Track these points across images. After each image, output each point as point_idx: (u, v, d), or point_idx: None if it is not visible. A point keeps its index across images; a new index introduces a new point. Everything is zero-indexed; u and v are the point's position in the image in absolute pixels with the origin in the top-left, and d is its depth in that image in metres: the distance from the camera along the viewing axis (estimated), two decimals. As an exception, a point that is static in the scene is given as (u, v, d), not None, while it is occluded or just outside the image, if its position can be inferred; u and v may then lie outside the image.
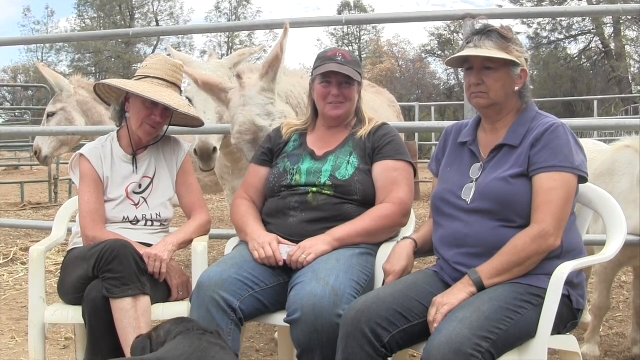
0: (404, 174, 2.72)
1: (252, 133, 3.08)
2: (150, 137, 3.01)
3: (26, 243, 6.62)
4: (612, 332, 4.02)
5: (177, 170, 3.11)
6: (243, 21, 36.95)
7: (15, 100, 36.98)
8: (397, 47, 40.17)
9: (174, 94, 2.96)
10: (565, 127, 2.31)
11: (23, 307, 4.55)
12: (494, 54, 2.30)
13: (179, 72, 3.05)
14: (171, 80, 2.98)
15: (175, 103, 2.89)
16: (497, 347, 2.00)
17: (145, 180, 3.02)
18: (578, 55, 29.74)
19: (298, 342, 2.29)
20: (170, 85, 2.97)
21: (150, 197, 3.01)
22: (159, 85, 2.93)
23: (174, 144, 3.15)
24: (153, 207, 2.99)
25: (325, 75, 2.76)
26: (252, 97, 3.10)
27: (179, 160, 3.12)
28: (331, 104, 2.77)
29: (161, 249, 2.78)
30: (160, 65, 3.01)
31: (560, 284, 2.10)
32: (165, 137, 3.15)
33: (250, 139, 3.09)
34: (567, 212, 2.23)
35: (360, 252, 2.56)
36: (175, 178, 3.10)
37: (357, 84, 2.82)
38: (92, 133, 4.94)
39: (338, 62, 2.75)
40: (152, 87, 2.91)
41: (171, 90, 2.96)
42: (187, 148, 3.19)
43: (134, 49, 40.01)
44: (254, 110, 3.09)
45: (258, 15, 42.79)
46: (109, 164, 2.98)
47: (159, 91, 2.89)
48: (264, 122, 3.07)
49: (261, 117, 3.08)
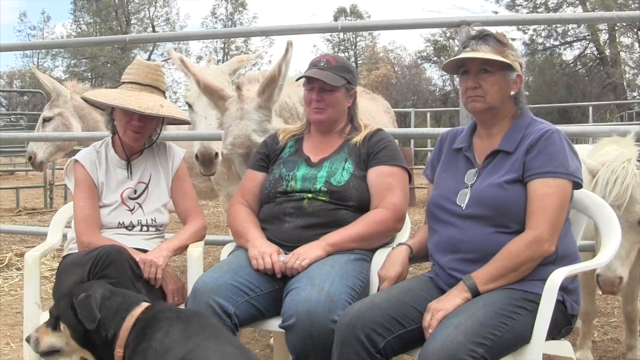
0: (398, 180, 2.73)
1: (246, 147, 3.08)
2: (137, 142, 2.98)
3: (21, 248, 6.60)
4: (607, 337, 4.03)
5: (172, 175, 3.10)
6: (239, 27, 37.01)
7: (11, 105, 36.83)
8: (393, 53, 40.24)
9: (149, 96, 2.91)
10: (560, 133, 2.32)
11: (18, 312, 4.54)
12: (491, 56, 2.32)
13: (156, 72, 3.01)
14: (145, 82, 2.94)
15: (143, 105, 2.82)
16: (491, 353, 2.00)
17: (141, 185, 3.02)
18: (573, 62, 29.79)
19: (293, 347, 2.29)
20: (145, 88, 2.93)
21: (145, 202, 3.00)
22: (132, 90, 2.91)
23: (169, 150, 3.14)
24: (148, 213, 2.99)
25: (309, 81, 2.79)
26: (250, 111, 3.09)
27: (174, 166, 3.11)
28: (314, 109, 2.79)
29: (156, 254, 2.77)
30: (134, 69, 2.99)
31: (554, 289, 2.11)
32: (161, 143, 3.14)
33: (243, 153, 3.10)
34: (561, 218, 2.24)
35: (355, 257, 2.56)
36: (171, 184, 3.09)
37: (345, 90, 2.82)
38: (88, 139, 4.93)
39: (319, 68, 2.77)
40: (123, 92, 2.89)
41: (146, 93, 2.92)
42: (182, 154, 3.17)
43: (130, 55, 39.96)
44: (250, 125, 3.08)
45: (254, 21, 42.92)
46: (104, 169, 2.97)
47: (128, 96, 2.87)
48: (260, 138, 3.07)
49: (257, 132, 3.08)
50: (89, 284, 2.38)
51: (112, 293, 2.28)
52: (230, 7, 43.69)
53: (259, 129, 3.09)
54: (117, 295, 2.28)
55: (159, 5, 42.91)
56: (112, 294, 2.27)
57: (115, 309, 2.22)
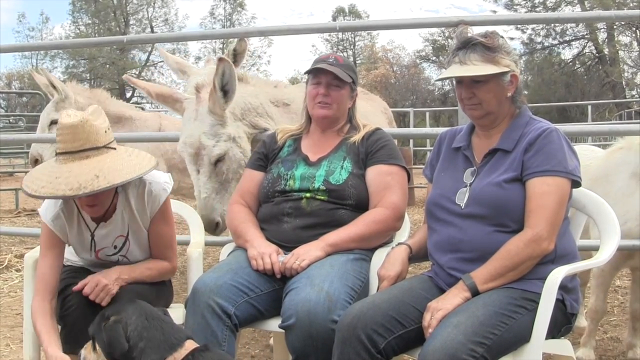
0: (397, 178, 2.73)
1: (195, 148, 3.17)
2: (98, 212, 2.58)
3: (21, 250, 6.59)
4: (607, 336, 4.03)
5: (149, 220, 2.72)
6: (237, 27, 36.99)
7: (10, 106, 36.81)
8: (392, 53, 40.24)
9: (81, 167, 2.37)
10: (559, 131, 2.32)
11: (18, 314, 4.54)
12: (479, 69, 2.30)
13: (83, 130, 2.39)
14: (75, 148, 2.39)
15: (74, 184, 2.32)
16: (491, 352, 2.00)
17: (120, 239, 2.70)
18: (572, 61, 29.82)
19: (293, 347, 2.29)
20: (76, 155, 2.39)
21: (129, 253, 2.74)
22: (65, 162, 2.40)
23: (147, 196, 2.67)
24: (134, 258, 2.76)
25: (316, 76, 2.80)
26: (203, 114, 3.19)
27: (153, 211, 2.70)
28: (319, 103, 2.79)
29: (112, 279, 2.52)
30: (61, 136, 2.42)
31: (554, 288, 2.11)
32: (141, 183, 2.66)
33: (193, 153, 3.19)
34: (560, 216, 2.24)
35: (354, 257, 2.56)
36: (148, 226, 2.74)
37: (350, 89, 2.84)
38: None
39: (329, 63, 2.78)
40: (54, 171, 2.41)
41: (78, 163, 2.39)
42: (163, 198, 2.70)
43: (128, 55, 40.00)
44: (201, 127, 3.18)
45: (253, 21, 42.87)
46: (75, 231, 2.65)
47: (58, 176, 2.37)
48: (209, 141, 3.15)
49: (207, 135, 3.16)
50: (123, 305, 2.19)
51: (150, 321, 2.09)
52: (229, 7, 43.71)
53: (210, 132, 3.18)
54: (155, 327, 2.08)
55: (157, 6, 42.89)
56: (151, 322, 2.09)
57: (156, 345, 2.04)
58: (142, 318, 2.10)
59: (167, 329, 2.11)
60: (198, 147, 3.16)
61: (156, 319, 2.12)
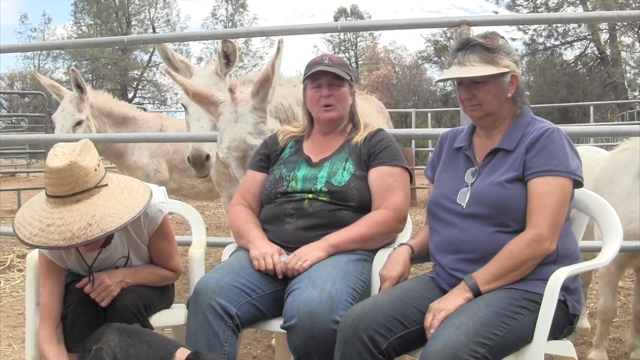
0: (399, 180, 2.73)
1: (242, 150, 3.07)
2: (94, 249, 2.54)
3: (23, 250, 6.59)
4: (609, 337, 4.02)
5: (148, 238, 2.72)
6: (239, 28, 36.95)
7: (12, 107, 36.90)
8: (394, 54, 40.30)
9: (73, 213, 2.27)
10: (560, 131, 2.31)
11: (20, 314, 4.55)
12: (478, 71, 2.30)
13: (72, 174, 2.28)
14: (66, 192, 2.29)
15: (67, 233, 2.23)
16: (493, 353, 2.00)
17: (122, 260, 2.71)
18: (574, 61, 29.80)
19: (295, 348, 2.29)
20: (68, 199, 2.29)
21: (132, 265, 2.75)
22: (56, 207, 2.30)
23: (144, 218, 2.61)
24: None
25: (315, 79, 2.79)
26: (244, 114, 3.08)
27: (151, 231, 2.69)
28: (324, 107, 2.79)
29: (116, 281, 2.55)
30: (49, 180, 2.31)
31: (556, 289, 2.10)
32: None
33: (240, 156, 3.09)
34: (562, 216, 2.24)
35: (356, 258, 2.56)
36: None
37: (349, 86, 2.84)
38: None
39: (325, 65, 2.78)
40: (46, 216, 2.30)
41: (69, 207, 2.28)
42: (160, 219, 2.67)
43: (130, 56, 40.04)
44: (245, 128, 3.07)
45: (254, 21, 42.89)
46: (73, 257, 2.63)
47: (50, 224, 2.27)
48: (255, 140, 3.06)
49: (252, 135, 3.07)
50: (100, 332, 2.17)
51: (132, 337, 2.07)
52: (231, 8, 43.74)
53: (255, 131, 3.08)
54: (140, 341, 2.06)
55: (159, 7, 42.98)
56: (134, 338, 2.07)
57: (145, 358, 2.03)
58: (124, 336, 2.09)
59: (153, 341, 2.10)
60: (245, 148, 3.06)
61: (137, 333, 2.11)
